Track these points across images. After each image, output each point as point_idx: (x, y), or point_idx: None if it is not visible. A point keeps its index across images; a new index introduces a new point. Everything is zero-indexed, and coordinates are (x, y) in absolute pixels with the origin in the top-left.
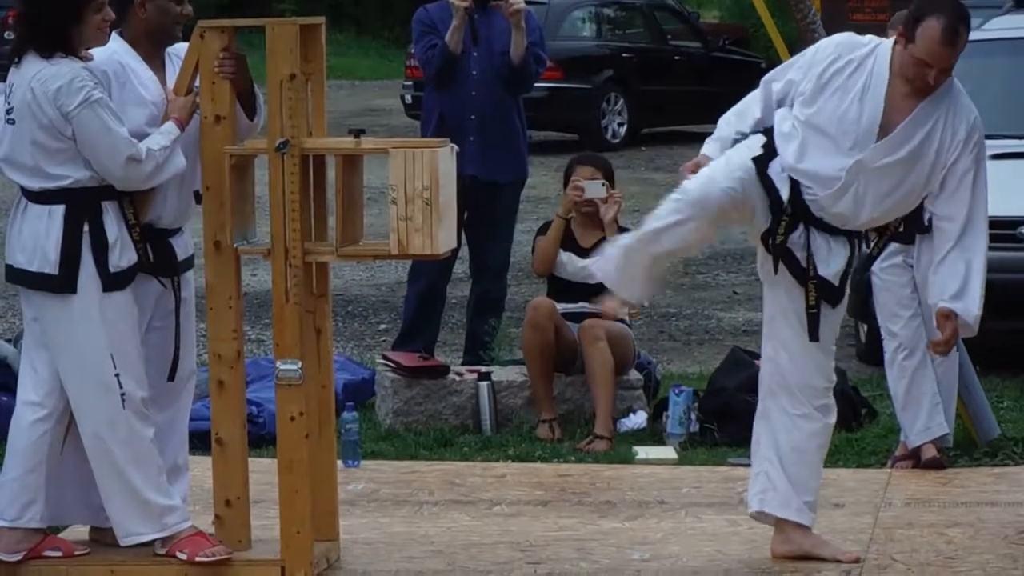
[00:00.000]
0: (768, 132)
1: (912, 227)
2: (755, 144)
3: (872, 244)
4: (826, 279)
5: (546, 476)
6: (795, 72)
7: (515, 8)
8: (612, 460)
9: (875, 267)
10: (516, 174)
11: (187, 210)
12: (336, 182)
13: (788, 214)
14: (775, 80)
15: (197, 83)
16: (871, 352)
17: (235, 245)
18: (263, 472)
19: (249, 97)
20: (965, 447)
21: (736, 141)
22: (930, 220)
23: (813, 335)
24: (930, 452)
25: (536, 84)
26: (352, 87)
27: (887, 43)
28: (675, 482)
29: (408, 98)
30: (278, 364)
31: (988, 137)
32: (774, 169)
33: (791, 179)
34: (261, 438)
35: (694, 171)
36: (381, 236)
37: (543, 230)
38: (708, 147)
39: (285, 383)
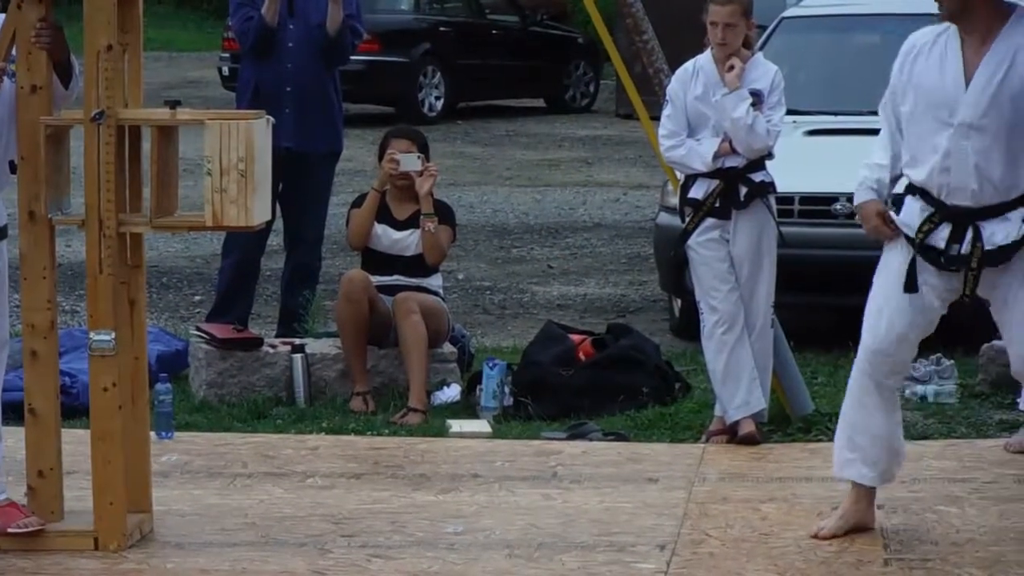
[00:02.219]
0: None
1: (728, 202)
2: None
3: (688, 219)
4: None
5: (360, 449)
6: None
7: None
8: (426, 433)
9: (691, 242)
10: (331, 146)
11: (1, 180)
12: (151, 153)
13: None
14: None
15: (13, 53)
16: (685, 327)
17: (49, 215)
18: (76, 443)
19: (65, 67)
20: (779, 423)
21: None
22: (746, 195)
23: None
24: (748, 427)
25: (353, 57)
26: (170, 59)
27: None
28: (489, 455)
29: (225, 70)
30: (92, 335)
31: (804, 114)
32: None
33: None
34: (74, 409)
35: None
36: (196, 208)
37: (358, 202)
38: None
39: (98, 354)
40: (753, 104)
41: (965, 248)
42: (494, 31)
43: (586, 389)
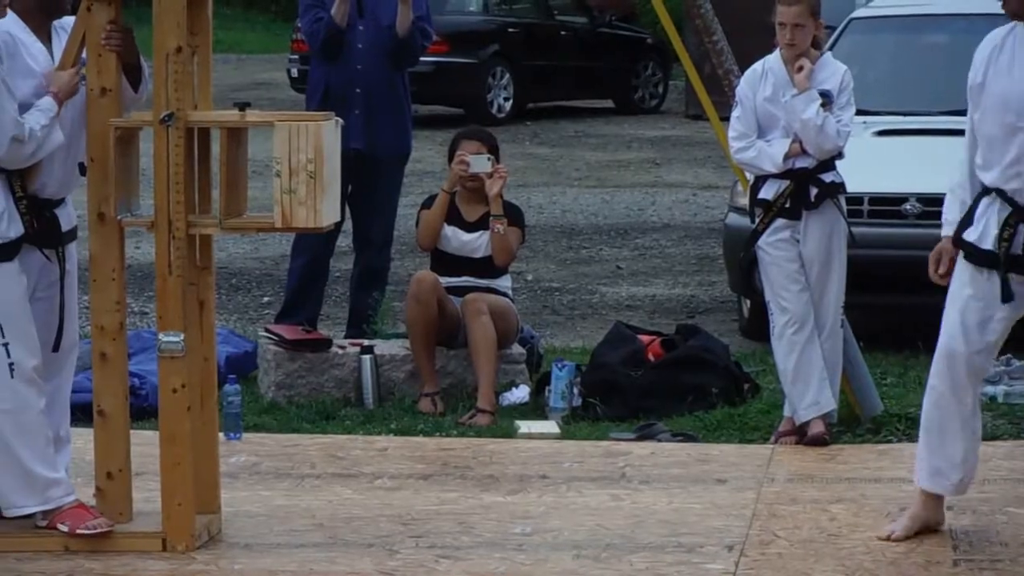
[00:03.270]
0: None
1: (798, 202)
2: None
3: (758, 220)
4: None
5: (428, 450)
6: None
7: None
8: (494, 434)
9: (762, 242)
10: (400, 148)
11: (71, 181)
12: (220, 155)
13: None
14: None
15: (84, 56)
16: (754, 327)
17: (119, 217)
18: (145, 444)
19: (135, 70)
20: (849, 423)
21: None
22: (816, 196)
23: None
24: (818, 427)
25: (422, 58)
26: (238, 61)
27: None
28: (557, 456)
29: (294, 72)
30: (160, 336)
31: (874, 114)
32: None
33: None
34: (143, 410)
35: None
36: (265, 209)
37: (428, 204)
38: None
39: (167, 355)
40: (823, 104)
41: None
42: (562, 32)
43: (655, 390)
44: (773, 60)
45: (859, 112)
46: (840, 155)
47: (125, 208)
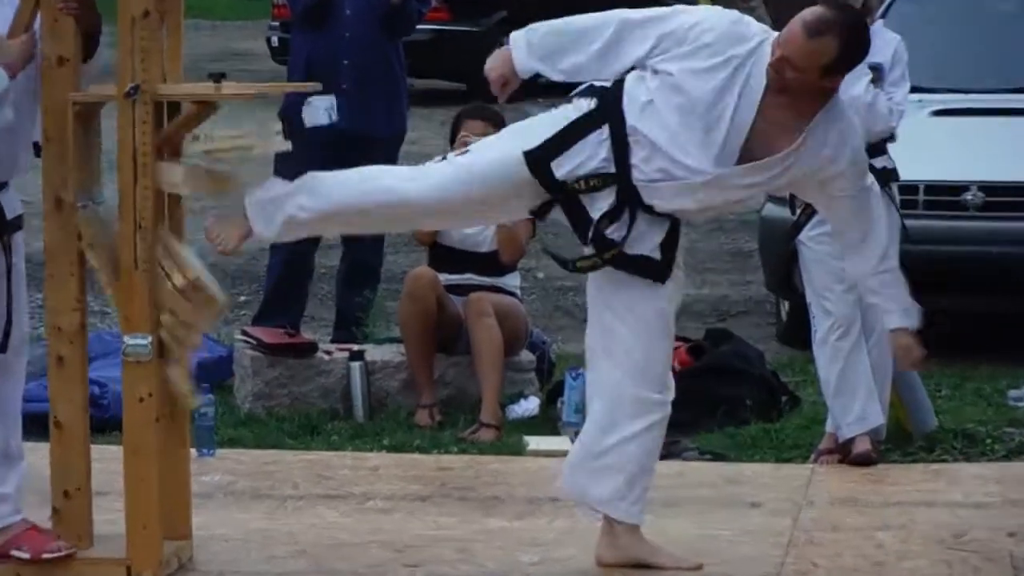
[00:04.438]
0: (602, 95)
1: None
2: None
3: (799, 211)
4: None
5: (425, 468)
6: (670, 30)
7: None
8: (500, 451)
9: (803, 236)
10: (394, 127)
11: (18, 164)
12: (172, 124)
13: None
14: (636, 31)
15: (38, 24)
16: (793, 332)
17: (79, 204)
18: (108, 460)
19: (90, 40)
20: (898, 440)
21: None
22: None
23: None
24: (863, 445)
25: (419, 26)
26: (212, 28)
27: (771, 40)
28: None
29: (275, 40)
30: (125, 339)
31: (931, 91)
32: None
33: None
34: (105, 422)
35: (498, 86)
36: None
37: None
38: (519, 53)
39: (133, 360)
40: (873, 80)
41: None
42: None
43: (680, 402)
44: None
45: (914, 89)
46: (892, 138)
47: (85, 194)
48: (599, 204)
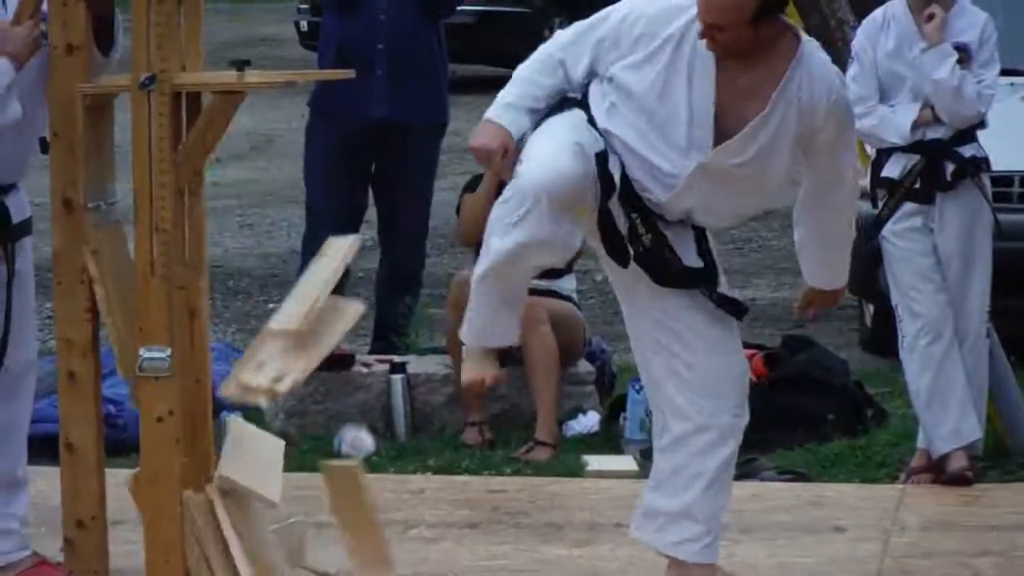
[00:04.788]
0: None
1: (930, 182)
2: (578, 120)
3: (881, 204)
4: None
5: (475, 492)
6: (602, 35)
7: None
8: (557, 472)
9: (887, 231)
10: (434, 116)
11: (25, 162)
12: (200, 120)
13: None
14: (570, 50)
15: (45, 8)
16: (879, 339)
17: (89, 204)
18: (124, 486)
19: (105, 26)
20: (997, 458)
21: (536, 117)
22: (953, 173)
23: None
24: (959, 462)
25: (461, 7)
26: (234, 11)
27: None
28: (634, 500)
29: (304, 25)
30: (142, 352)
31: (1022, 74)
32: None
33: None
34: (122, 443)
35: (500, 155)
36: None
37: (471, 186)
38: (504, 115)
39: (151, 375)
40: (959, 61)
41: None
42: None
43: (756, 416)
44: (897, 7)
45: (1005, 72)
46: (982, 124)
47: (97, 193)
48: (620, 220)
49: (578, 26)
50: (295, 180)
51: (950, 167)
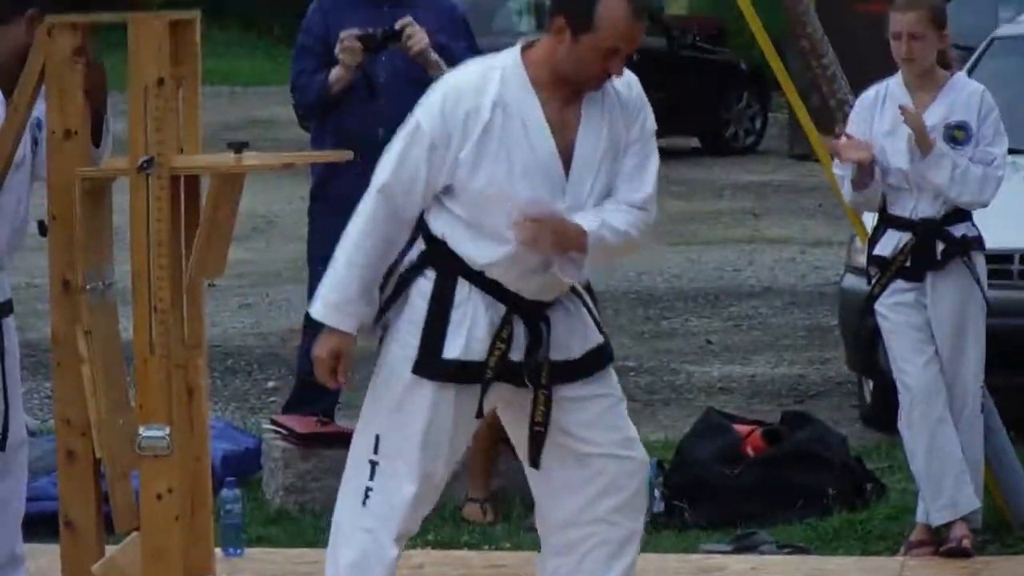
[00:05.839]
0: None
1: (921, 260)
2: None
3: (873, 281)
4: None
5: (475, 566)
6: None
7: (418, 49)
8: None
9: (879, 305)
10: None
11: (17, 245)
12: (207, 205)
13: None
14: (402, 186)
15: (39, 111)
16: (878, 414)
17: (88, 286)
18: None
19: (98, 117)
20: (997, 530)
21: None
22: (943, 252)
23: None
24: (959, 532)
25: None
26: (233, 94)
27: (506, 60)
28: (637, 574)
29: None
30: (141, 430)
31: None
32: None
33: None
34: None
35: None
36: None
37: None
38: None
39: (150, 453)
40: (958, 140)
41: None
42: (637, 55)
43: (756, 491)
44: (893, 84)
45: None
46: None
47: (95, 275)
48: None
49: (389, 161)
50: (295, 260)
51: (941, 246)
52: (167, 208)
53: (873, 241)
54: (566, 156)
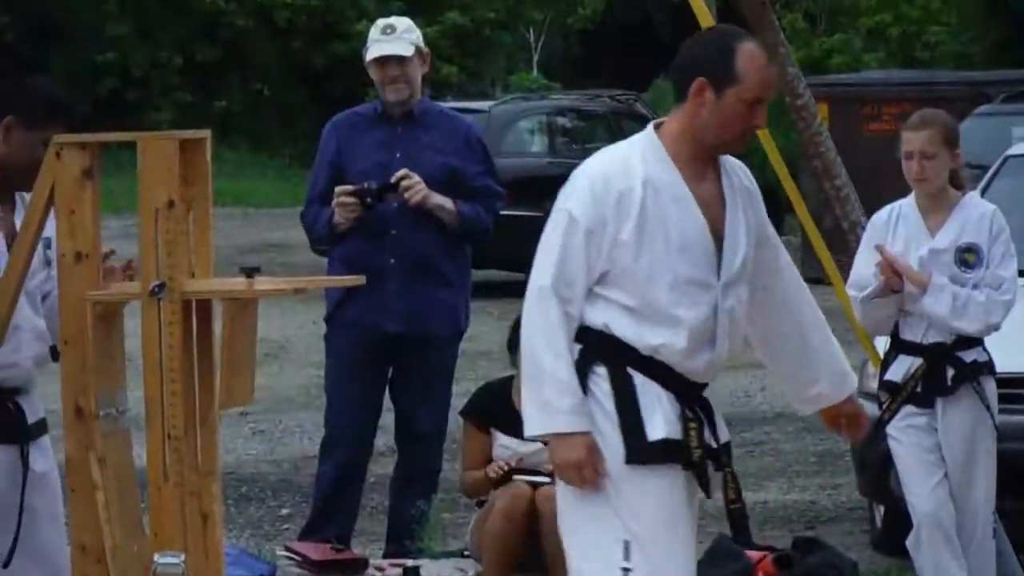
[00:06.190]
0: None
1: (932, 387)
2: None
3: (883, 406)
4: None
5: None
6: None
7: (416, 200)
8: None
9: (891, 429)
10: (454, 326)
11: (43, 360)
12: (224, 332)
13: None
14: (565, 275)
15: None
16: (890, 539)
17: (101, 413)
18: None
19: None
20: None
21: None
22: (954, 378)
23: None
24: None
25: None
26: (245, 216)
27: (641, 140)
28: None
29: None
30: (156, 558)
31: None
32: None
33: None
34: None
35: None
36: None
37: (472, 409)
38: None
39: None
40: (969, 264)
41: None
42: None
43: None
44: (906, 206)
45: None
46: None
47: (108, 401)
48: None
49: (551, 244)
50: (308, 385)
51: (951, 371)
52: (179, 333)
53: (885, 365)
54: (715, 231)
